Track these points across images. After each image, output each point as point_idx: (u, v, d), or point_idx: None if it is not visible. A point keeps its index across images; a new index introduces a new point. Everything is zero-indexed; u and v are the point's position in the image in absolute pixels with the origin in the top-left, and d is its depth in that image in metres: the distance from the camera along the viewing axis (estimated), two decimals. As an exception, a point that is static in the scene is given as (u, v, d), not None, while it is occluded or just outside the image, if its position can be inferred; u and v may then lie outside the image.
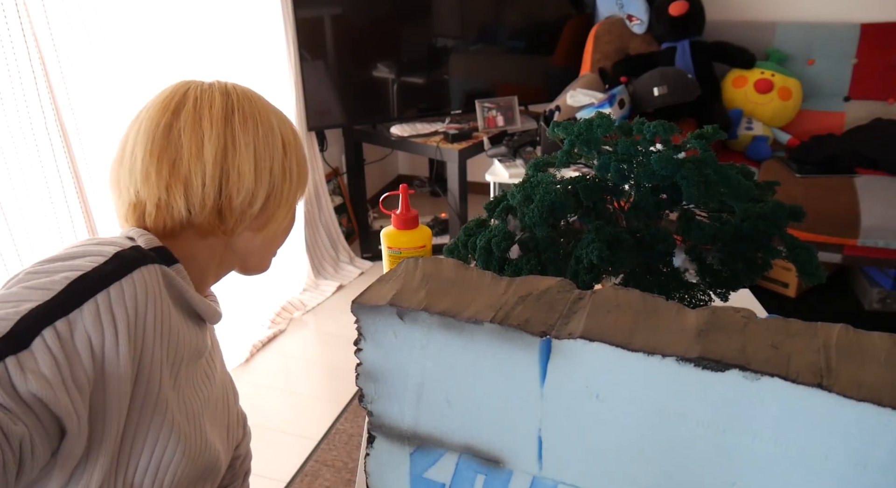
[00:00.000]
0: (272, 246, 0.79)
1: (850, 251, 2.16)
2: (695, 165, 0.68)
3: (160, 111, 0.68)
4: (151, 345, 0.63)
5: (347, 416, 1.99)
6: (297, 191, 0.76)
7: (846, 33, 2.58)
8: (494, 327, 0.43)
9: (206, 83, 0.72)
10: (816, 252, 0.71)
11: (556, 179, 0.75)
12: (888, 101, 2.55)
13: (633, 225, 0.72)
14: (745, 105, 2.59)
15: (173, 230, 0.70)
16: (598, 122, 0.76)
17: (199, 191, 0.68)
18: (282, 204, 0.74)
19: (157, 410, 0.65)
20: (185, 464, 0.69)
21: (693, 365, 0.38)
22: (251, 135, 0.70)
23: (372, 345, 0.48)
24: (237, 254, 0.76)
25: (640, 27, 2.69)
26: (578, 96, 2.36)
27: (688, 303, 0.73)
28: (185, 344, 0.69)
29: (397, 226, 1.01)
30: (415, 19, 2.71)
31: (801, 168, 2.36)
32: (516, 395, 0.44)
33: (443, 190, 3.04)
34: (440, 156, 2.61)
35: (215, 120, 0.68)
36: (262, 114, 0.72)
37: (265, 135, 0.71)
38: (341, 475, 1.29)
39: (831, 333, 0.40)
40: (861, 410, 0.34)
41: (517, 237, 0.75)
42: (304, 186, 0.77)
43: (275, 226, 0.75)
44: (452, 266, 0.50)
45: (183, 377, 0.70)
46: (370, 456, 0.51)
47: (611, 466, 0.43)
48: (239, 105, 0.70)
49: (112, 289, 0.60)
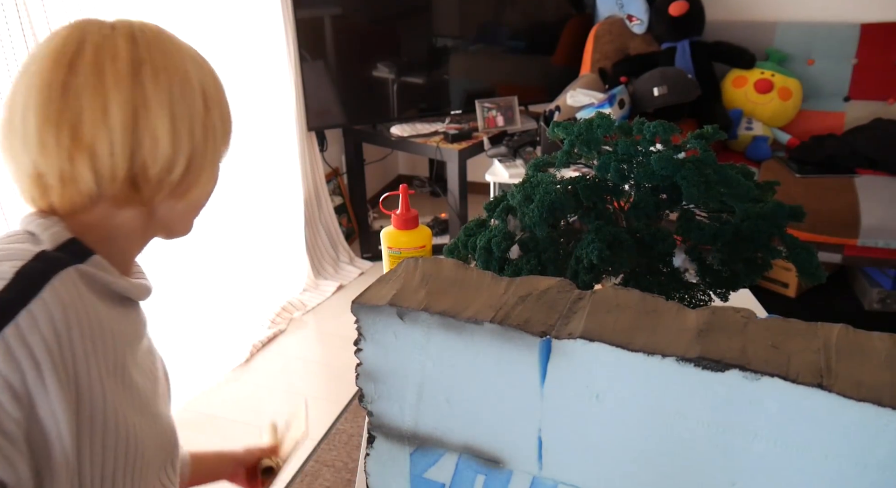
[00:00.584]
0: (196, 208, 0.70)
1: (850, 251, 2.16)
2: (695, 165, 0.68)
3: (53, 65, 0.57)
4: (85, 364, 0.56)
5: (347, 416, 1.99)
6: (220, 149, 0.67)
7: (846, 33, 2.58)
8: (494, 327, 0.43)
9: (106, 24, 0.61)
10: (816, 252, 0.71)
11: (556, 179, 0.75)
12: (888, 101, 2.55)
13: (633, 225, 0.72)
14: (745, 105, 2.59)
15: (83, 205, 0.60)
16: (598, 122, 0.76)
17: (108, 161, 0.58)
18: (206, 166, 0.65)
19: (107, 423, 0.58)
20: (148, 456, 0.64)
21: (693, 365, 0.38)
22: (165, 93, 0.60)
23: (372, 345, 0.48)
24: (160, 223, 0.67)
25: (640, 27, 2.69)
26: (578, 96, 2.36)
27: (688, 303, 0.73)
28: (122, 338, 0.62)
29: (397, 226, 1.01)
30: (415, 19, 2.71)
31: (801, 168, 2.36)
32: (516, 395, 0.44)
33: (443, 190, 3.04)
34: (440, 156, 2.61)
35: (121, 75, 0.58)
36: (177, 63, 0.61)
37: (182, 90, 0.61)
38: (341, 475, 1.28)
39: (831, 333, 0.40)
40: (861, 410, 0.34)
41: (517, 237, 0.75)
42: (229, 141, 0.68)
43: (198, 191, 0.67)
44: (452, 266, 0.50)
45: (130, 371, 0.63)
46: (370, 457, 0.51)
47: (611, 466, 0.43)
48: (149, 55, 0.60)
49: (21, 318, 0.51)
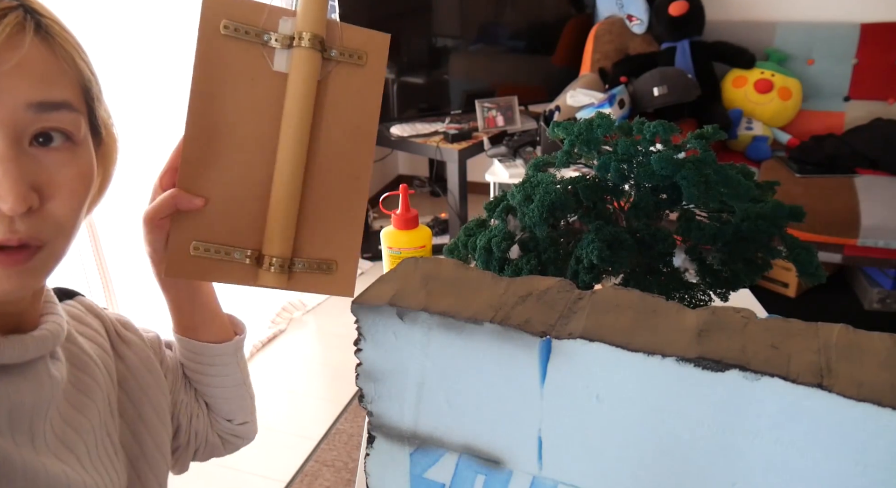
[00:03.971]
0: None
1: (850, 251, 2.16)
2: (695, 165, 0.68)
3: None
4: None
5: (347, 416, 1.99)
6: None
7: (846, 33, 2.58)
8: (494, 327, 0.42)
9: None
10: (816, 252, 0.71)
11: (556, 179, 0.75)
12: (888, 101, 2.55)
13: (633, 225, 0.72)
14: (744, 105, 2.59)
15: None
16: (598, 122, 0.76)
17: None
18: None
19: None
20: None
21: (693, 365, 0.38)
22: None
23: (372, 345, 0.48)
24: None
25: (639, 27, 2.69)
26: (578, 96, 2.36)
27: (688, 303, 0.73)
28: (21, 413, 0.51)
29: (397, 226, 1.01)
30: (415, 19, 2.71)
31: (801, 168, 2.36)
32: (516, 395, 0.44)
33: (443, 190, 3.04)
34: (440, 156, 2.61)
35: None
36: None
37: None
38: (341, 475, 1.29)
39: (831, 333, 0.40)
40: (861, 410, 0.34)
41: (517, 237, 0.75)
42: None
43: None
44: (452, 266, 0.50)
45: (41, 430, 0.53)
46: (370, 457, 0.51)
47: (611, 466, 0.43)
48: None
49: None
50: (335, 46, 0.63)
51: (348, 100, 0.64)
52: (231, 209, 0.63)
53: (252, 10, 0.61)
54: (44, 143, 0.49)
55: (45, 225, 0.49)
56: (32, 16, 0.48)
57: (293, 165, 0.62)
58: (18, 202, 0.45)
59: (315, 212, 0.65)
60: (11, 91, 0.46)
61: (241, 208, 0.63)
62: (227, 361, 0.74)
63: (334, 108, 0.64)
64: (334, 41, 0.63)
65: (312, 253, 0.65)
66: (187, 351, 0.72)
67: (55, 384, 0.54)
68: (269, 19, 0.61)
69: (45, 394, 0.53)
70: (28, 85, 0.47)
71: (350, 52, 0.63)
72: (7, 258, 0.47)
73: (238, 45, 0.61)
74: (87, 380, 0.60)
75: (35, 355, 0.53)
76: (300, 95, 0.61)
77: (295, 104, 0.61)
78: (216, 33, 0.60)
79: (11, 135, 0.47)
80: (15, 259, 0.48)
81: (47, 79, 0.48)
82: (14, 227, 0.47)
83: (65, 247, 0.52)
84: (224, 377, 0.74)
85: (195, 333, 0.72)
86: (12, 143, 0.46)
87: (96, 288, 1.68)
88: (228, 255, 0.63)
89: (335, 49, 0.63)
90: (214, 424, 0.77)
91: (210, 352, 0.72)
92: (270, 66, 0.62)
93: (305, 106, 0.62)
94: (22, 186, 0.46)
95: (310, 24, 0.61)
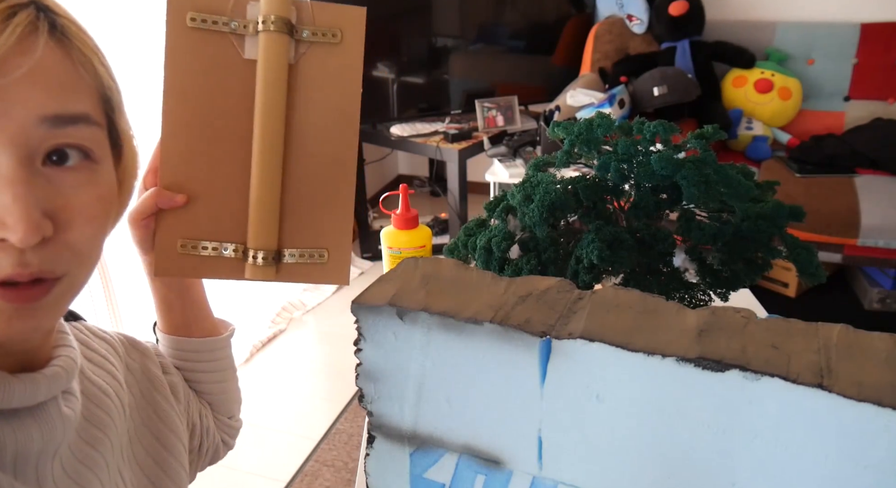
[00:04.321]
0: None
1: (850, 251, 2.15)
2: (695, 165, 0.68)
3: None
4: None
5: (347, 416, 1.99)
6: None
7: (846, 33, 2.58)
8: (494, 327, 0.42)
9: None
10: (816, 252, 0.71)
11: (557, 179, 0.75)
12: (888, 101, 2.55)
13: (633, 225, 0.72)
14: (745, 105, 2.59)
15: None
16: (598, 121, 0.76)
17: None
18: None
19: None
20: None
21: (693, 365, 0.38)
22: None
23: (372, 345, 0.48)
24: None
25: (639, 27, 2.69)
26: (578, 96, 2.36)
27: (688, 303, 0.73)
28: (25, 457, 0.46)
29: (397, 226, 1.01)
30: (415, 19, 2.71)
31: (801, 168, 2.36)
32: (516, 395, 0.44)
33: (443, 190, 3.04)
34: (440, 156, 2.61)
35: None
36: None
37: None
38: (341, 475, 1.28)
39: (831, 333, 0.40)
40: (861, 410, 0.34)
41: (517, 237, 0.75)
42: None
43: None
44: (452, 266, 0.50)
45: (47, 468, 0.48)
46: (370, 457, 0.51)
47: (611, 466, 0.43)
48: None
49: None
50: (306, 26, 0.60)
51: (326, 81, 0.61)
52: (214, 204, 0.62)
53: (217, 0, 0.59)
54: (58, 162, 0.43)
55: (61, 256, 0.43)
56: (46, 14, 0.42)
57: (269, 155, 0.60)
58: (30, 232, 0.39)
59: (300, 200, 0.63)
60: (23, 102, 0.40)
61: (225, 203, 0.62)
62: (221, 355, 0.73)
63: (311, 91, 0.62)
64: (305, 21, 0.60)
65: (302, 242, 0.64)
66: (179, 350, 0.71)
67: (67, 424, 0.49)
68: (236, 7, 0.59)
69: (56, 436, 0.48)
70: (42, 95, 0.41)
71: (323, 30, 0.60)
72: (18, 295, 0.41)
73: (207, 37, 0.59)
74: (100, 414, 0.55)
75: (46, 397, 0.47)
76: (270, 82, 0.59)
77: (265, 91, 0.60)
78: (183, 27, 0.59)
79: (22, 153, 0.41)
80: (27, 295, 0.42)
81: (63, 88, 0.42)
82: (25, 260, 0.41)
83: (84, 280, 0.47)
84: (219, 372, 0.74)
85: (188, 331, 0.70)
86: (23, 163, 0.40)
87: (97, 291, 1.68)
88: (216, 251, 0.62)
89: (307, 29, 0.60)
90: (217, 423, 0.77)
91: (203, 347, 0.71)
92: (242, 54, 0.60)
93: (276, 92, 0.60)
94: (34, 213, 0.40)
95: (274, 6, 0.59)
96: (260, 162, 0.60)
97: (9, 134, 0.40)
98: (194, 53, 0.59)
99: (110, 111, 0.48)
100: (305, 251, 0.64)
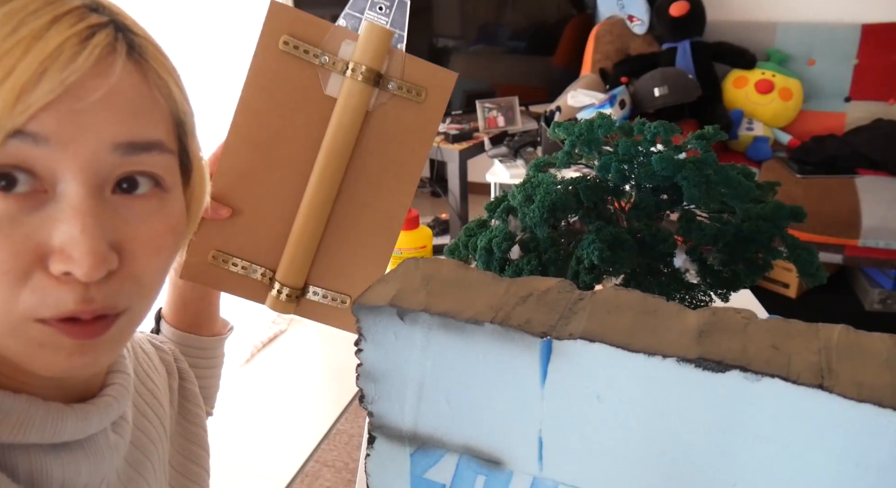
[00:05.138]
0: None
1: (850, 251, 2.15)
2: (696, 166, 0.68)
3: None
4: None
5: (348, 417, 1.99)
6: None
7: (847, 34, 2.58)
8: (495, 328, 0.42)
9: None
10: (817, 252, 0.71)
11: (557, 180, 0.75)
12: (889, 102, 2.55)
13: (633, 225, 0.72)
14: (745, 105, 2.59)
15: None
16: (599, 122, 0.76)
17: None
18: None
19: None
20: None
21: (693, 365, 0.38)
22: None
23: (372, 345, 0.48)
24: None
25: (640, 27, 2.69)
26: (579, 97, 2.36)
27: (688, 303, 0.73)
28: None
29: (398, 226, 1.01)
30: (415, 19, 2.71)
31: (802, 168, 2.36)
32: (517, 396, 0.44)
33: (443, 190, 3.04)
34: (441, 156, 2.61)
35: None
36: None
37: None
38: (341, 475, 1.28)
39: (832, 334, 0.40)
40: (862, 411, 0.34)
41: (518, 237, 0.75)
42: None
43: None
44: (453, 266, 0.50)
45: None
46: (370, 457, 0.51)
47: (611, 467, 0.43)
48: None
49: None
50: (394, 78, 0.59)
51: (398, 136, 0.61)
52: (256, 226, 0.61)
53: (316, 28, 0.59)
54: (128, 190, 0.40)
55: (125, 289, 0.40)
56: (125, 34, 0.40)
57: (322, 197, 0.60)
58: (96, 266, 0.37)
59: (340, 244, 0.62)
60: (96, 128, 0.38)
61: (267, 227, 0.61)
62: (219, 353, 0.74)
63: (380, 142, 0.61)
64: (394, 72, 0.59)
65: (329, 284, 0.63)
66: (184, 345, 0.71)
67: (116, 453, 0.48)
68: (331, 40, 0.58)
69: (103, 467, 0.46)
70: (116, 121, 0.39)
71: (409, 87, 0.60)
72: (81, 331, 0.39)
73: (294, 63, 0.59)
74: (144, 439, 0.54)
75: (97, 429, 0.45)
76: (343, 126, 0.59)
77: (335, 134, 0.59)
78: (274, 48, 0.58)
79: (93, 182, 0.38)
80: (89, 331, 0.39)
81: (138, 113, 0.40)
82: (90, 297, 0.38)
83: (146, 312, 0.45)
84: (214, 368, 0.75)
85: (198, 329, 0.71)
86: (93, 193, 0.38)
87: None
88: (245, 270, 0.62)
89: (394, 81, 0.59)
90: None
91: (208, 345, 0.72)
92: (323, 88, 0.59)
93: (347, 137, 0.59)
94: (101, 246, 0.37)
95: (368, 56, 0.57)
96: (311, 201, 0.60)
97: (80, 161, 0.38)
98: (277, 76, 0.59)
99: (183, 135, 0.46)
100: (329, 293, 0.63)
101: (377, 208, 0.62)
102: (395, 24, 0.62)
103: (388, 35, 0.59)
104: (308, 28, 0.58)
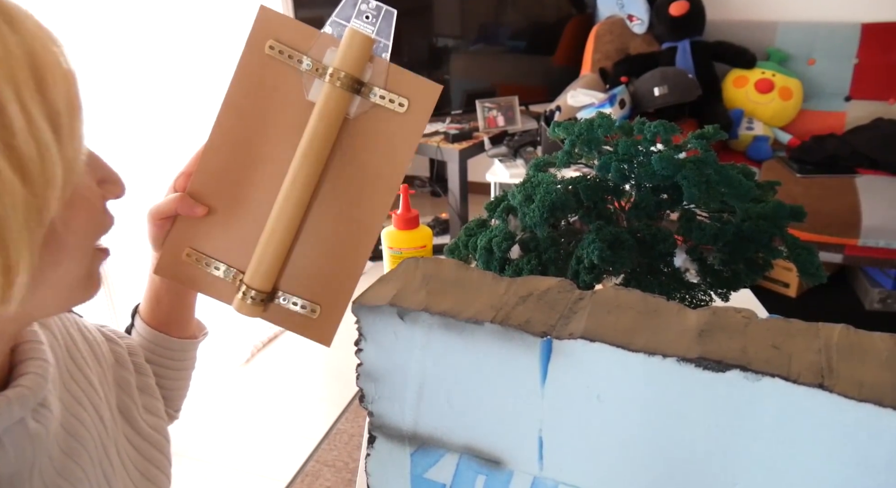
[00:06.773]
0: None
1: (850, 251, 2.15)
2: (696, 165, 0.68)
3: None
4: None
5: (348, 416, 1.99)
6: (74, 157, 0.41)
7: (847, 33, 2.58)
8: (495, 327, 0.42)
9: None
10: (817, 252, 0.71)
11: (557, 179, 0.75)
12: (889, 101, 2.55)
13: (633, 225, 0.72)
14: (745, 105, 2.59)
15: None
16: (599, 122, 0.76)
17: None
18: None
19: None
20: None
21: (694, 365, 0.38)
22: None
23: (372, 345, 0.48)
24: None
25: (640, 27, 2.69)
26: (579, 96, 2.36)
27: (689, 303, 0.73)
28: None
29: (398, 226, 1.01)
30: (415, 19, 2.71)
31: (802, 168, 2.36)
32: (517, 395, 0.44)
33: (443, 190, 3.04)
34: (441, 156, 2.61)
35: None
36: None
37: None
38: (342, 475, 1.28)
39: (832, 333, 0.40)
40: (862, 411, 0.34)
41: (518, 237, 0.75)
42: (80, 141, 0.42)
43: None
44: (453, 266, 0.50)
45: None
46: (371, 457, 0.51)
47: (611, 466, 0.43)
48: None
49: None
50: (378, 86, 0.59)
51: (377, 145, 0.60)
52: (230, 226, 0.62)
53: (302, 34, 0.59)
54: None
55: None
56: None
57: (293, 202, 0.59)
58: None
59: (312, 251, 0.62)
60: None
61: (240, 228, 0.61)
62: (190, 356, 0.75)
63: (359, 151, 0.60)
64: (377, 81, 0.59)
65: (299, 291, 0.62)
66: (154, 344, 0.71)
67: (37, 441, 0.47)
68: (317, 47, 0.59)
69: (27, 458, 0.46)
70: None
71: (392, 96, 0.59)
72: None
73: (278, 67, 0.59)
74: (77, 425, 0.54)
75: (12, 420, 0.45)
76: (318, 133, 0.58)
77: (310, 140, 0.59)
78: (260, 51, 0.59)
79: None
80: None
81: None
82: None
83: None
84: (183, 371, 0.75)
85: (167, 329, 0.71)
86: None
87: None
88: (217, 270, 0.62)
89: (377, 89, 0.59)
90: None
91: (178, 347, 0.72)
92: (305, 94, 0.59)
93: (322, 144, 0.59)
94: None
95: (348, 63, 0.57)
96: (283, 206, 0.59)
97: None
98: (261, 79, 0.59)
99: None
100: (299, 300, 0.63)
101: (353, 217, 0.61)
102: (380, 33, 0.62)
103: (369, 42, 0.59)
104: (294, 34, 0.59)
